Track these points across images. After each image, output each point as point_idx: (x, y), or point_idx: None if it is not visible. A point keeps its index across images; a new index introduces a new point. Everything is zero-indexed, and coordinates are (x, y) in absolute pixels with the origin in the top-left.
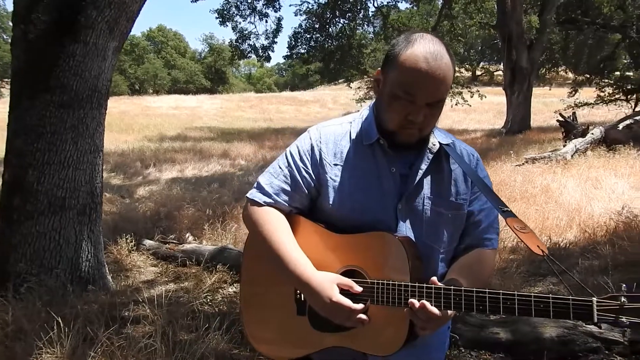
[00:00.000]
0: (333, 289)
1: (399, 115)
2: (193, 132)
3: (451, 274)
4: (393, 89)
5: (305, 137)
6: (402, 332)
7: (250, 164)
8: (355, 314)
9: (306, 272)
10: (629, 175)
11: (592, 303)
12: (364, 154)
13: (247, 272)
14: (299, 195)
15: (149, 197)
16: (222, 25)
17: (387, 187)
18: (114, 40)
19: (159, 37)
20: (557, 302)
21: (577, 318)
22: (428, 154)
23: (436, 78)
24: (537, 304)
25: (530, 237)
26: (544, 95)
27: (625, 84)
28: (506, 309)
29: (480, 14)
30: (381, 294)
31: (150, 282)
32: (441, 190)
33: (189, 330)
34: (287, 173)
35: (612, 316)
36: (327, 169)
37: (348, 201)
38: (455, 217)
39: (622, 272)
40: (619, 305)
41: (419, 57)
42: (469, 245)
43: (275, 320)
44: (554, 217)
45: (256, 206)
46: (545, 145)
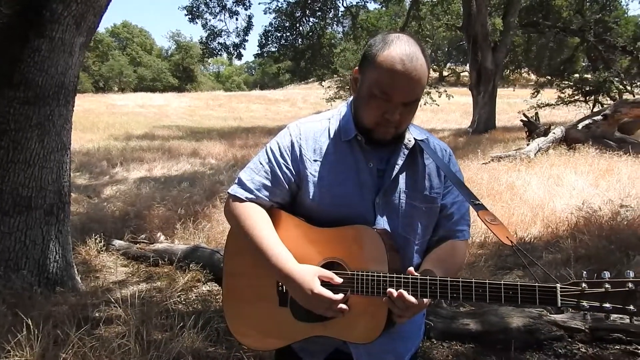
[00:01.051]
0: (314, 281)
1: (376, 113)
2: (161, 131)
3: (425, 265)
4: (370, 89)
5: (285, 133)
6: (381, 321)
7: (221, 162)
8: (335, 304)
9: (288, 266)
10: (587, 173)
11: (556, 289)
12: (343, 150)
13: (229, 266)
14: (279, 191)
15: (117, 196)
16: (191, 22)
17: (365, 181)
18: (81, 36)
19: (124, 33)
20: (524, 288)
21: (543, 303)
22: (404, 150)
23: (412, 79)
24: (506, 291)
25: (500, 228)
26: (508, 96)
27: (583, 85)
28: (478, 296)
29: (446, 16)
30: (361, 284)
31: (121, 282)
32: (416, 185)
33: (164, 330)
34: (268, 169)
35: (574, 301)
36: (307, 165)
37: (327, 195)
38: (429, 210)
39: (583, 264)
40: (580, 290)
41: (396, 59)
42: (442, 237)
43: (258, 311)
44: (519, 213)
45: (238, 202)
46: (509, 144)
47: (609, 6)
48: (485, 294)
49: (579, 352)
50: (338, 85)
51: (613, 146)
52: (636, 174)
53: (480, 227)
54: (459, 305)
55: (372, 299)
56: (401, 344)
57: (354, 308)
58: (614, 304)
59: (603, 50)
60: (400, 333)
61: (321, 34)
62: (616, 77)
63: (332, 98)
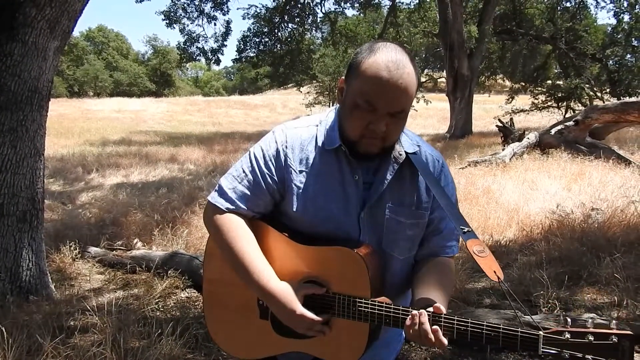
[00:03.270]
0: (296, 302)
1: (360, 124)
2: (138, 136)
3: (424, 292)
4: (354, 98)
5: (271, 139)
6: (362, 343)
7: (200, 168)
8: (317, 325)
9: (270, 283)
10: (560, 177)
11: (538, 337)
12: (329, 160)
13: (209, 272)
14: (262, 201)
15: (92, 203)
16: (169, 27)
17: (351, 194)
18: (55, 40)
19: (99, 37)
20: (506, 334)
21: (524, 349)
22: (394, 164)
23: (398, 87)
24: (488, 334)
25: (487, 261)
26: (484, 102)
27: (556, 92)
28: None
29: (423, 23)
30: (343, 308)
31: (97, 290)
32: (403, 199)
33: (141, 337)
34: (251, 178)
35: (557, 350)
36: (293, 176)
37: (311, 208)
38: (416, 225)
39: (556, 266)
40: (563, 341)
41: (380, 66)
42: (431, 253)
43: (238, 321)
44: (495, 216)
45: (218, 213)
46: (486, 149)
47: (579, 15)
48: (467, 332)
49: None
50: (317, 91)
51: (584, 151)
52: (606, 177)
53: None
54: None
55: (354, 322)
56: (384, 351)
57: (336, 329)
58: (595, 356)
59: (574, 57)
60: (382, 340)
61: (300, 40)
62: (587, 84)
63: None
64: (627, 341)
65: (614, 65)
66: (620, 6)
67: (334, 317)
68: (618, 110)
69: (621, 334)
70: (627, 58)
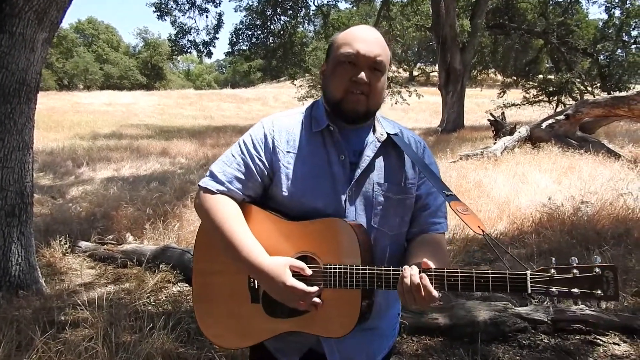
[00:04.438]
0: (286, 274)
1: (343, 78)
2: (129, 130)
3: (414, 261)
4: (335, 60)
5: (259, 126)
6: (354, 314)
7: (192, 162)
8: (309, 296)
9: (259, 259)
10: (551, 171)
11: (526, 275)
12: (315, 142)
13: (199, 264)
14: (252, 183)
15: (83, 197)
16: (160, 19)
17: (337, 173)
18: (44, 31)
19: (89, 29)
20: (496, 276)
21: (513, 290)
22: (376, 142)
23: (371, 35)
24: (478, 279)
25: (471, 218)
26: (476, 96)
27: (547, 86)
28: (450, 285)
29: (416, 17)
30: (334, 277)
31: (88, 284)
32: (390, 176)
33: (133, 331)
34: (241, 161)
35: (544, 287)
36: (280, 157)
37: (300, 188)
38: (404, 201)
39: (546, 258)
40: (549, 276)
41: (353, 28)
42: (420, 230)
43: (229, 309)
44: (486, 210)
45: (209, 194)
46: (477, 143)
47: (571, 10)
48: (457, 282)
49: (542, 342)
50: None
51: (575, 145)
52: (596, 171)
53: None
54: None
55: (345, 293)
56: (375, 343)
57: (327, 302)
58: (581, 289)
59: (565, 52)
60: (374, 331)
61: (292, 33)
62: (578, 79)
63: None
64: (611, 272)
65: (605, 60)
66: (611, 1)
67: (326, 288)
68: (608, 104)
69: (604, 265)
70: (618, 53)
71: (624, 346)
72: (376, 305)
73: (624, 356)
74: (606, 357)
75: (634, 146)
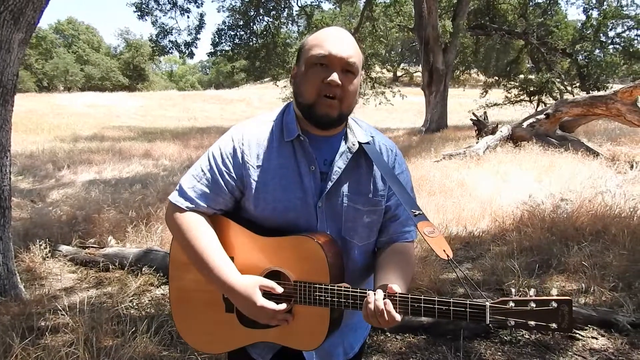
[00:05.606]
0: (256, 294)
1: (315, 80)
2: (111, 132)
3: (384, 278)
4: (306, 64)
5: (227, 138)
6: (324, 329)
7: (175, 163)
8: (279, 314)
9: (230, 279)
10: (532, 169)
11: (485, 307)
12: (286, 153)
13: (175, 270)
14: (222, 199)
15: (63, 200)
16: (140, 19)
17: (308, 185)
18: (20, 32)
19: (69, 30)
20: (456, 307)
21: (473, 320)
22: (347, 154)
23: (344, 38)
24: (439, 307)
25: (438, 240)
26: (458, 96)
27: (528, 86)
28: (414, 310)
29: (399, 17)
30: (303, 295)
31: (69, 289)
32: (359, 188)
33: (115, 336)
34: (210, 177)
35: (502, 318)
36: (251, 171)
37: (271, 201)
38: (373, 212)
39: (527, 255)
40: (508, 309)
41: (324, 29)
42: (390, 239)
43: (205, 316)
44: (469, 208)
45: (178, 212)
46: (460, 143)
47: (550, 11)
48: (420, 308)
49: (523, 338)
50: None
51: (555, 143)
52: (576, 169)
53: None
54: None
55: (315, 308)
56: (351, 336)
57: (298, 316)
58: (537, 321)
59: (545, 52)
60: (349, 325)
61: (275, 33)
62: (557, 78)
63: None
64: (566, 306)
65: (583, 60)
66: (589, 2)
67: (296, 305)
68: (587, 103)
69: (560, 299)
70: (596, 53)
71: (602, 340)
72: None
73: (602, 350)
74: (585, 351)
75: (612, 144)
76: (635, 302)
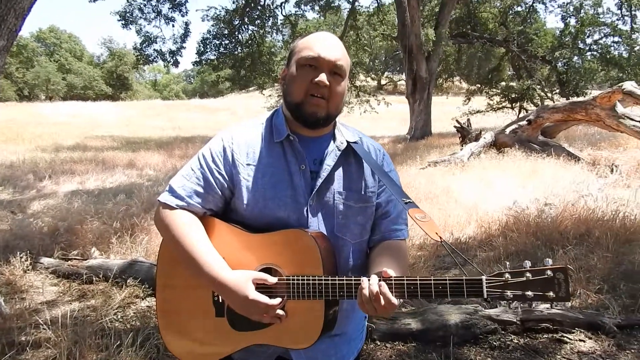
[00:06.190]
0: (248, 287)
1: (305, 80)
2: (94, 142)
3: (376, 270)
4: (296, 65)
5: (217, 139)
6: (318, 325)
7: (160, 173)
8: (272, 309)
9: (221, 274)
10: (516, 175)
11: (482, 281)
12: (275, 152)
13: (162, 279)
14: (212, 197)
15: (45, 211)
16: (124, 28)
17: (298, 183)
18: (1, 39)
19: (51, 38)
20: (453, 282)
21: (470, 295)
22: (336, 152)
23: (333, 42)
24: (436, 286)
25: (429, 225)
26: (442, 104)
27: (509, 93)
28: (410, 293)
29: (382, 26)
30: (297, 288)
31: (51, 302)
32: (350, 185)
33: (99, 349)
34: (200, 175)
35: (499, 291)
36: (240, 170)
37: (261, 199)
38: (365, 209)
39: (513, 260)
40: (504, 281)
41: (314, 33)
42: (382, 237)
43: (194, 324)
44: (455, 215)
45: (168, 209)
46: (445, 150)
47: (530, 19)
48: (416, 290)
49: (512, 343)
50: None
51: (537, 149)
52: (558, 174)
53: (419, 230)
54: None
55: (309, 304)
56: (343, 348)
57: (291, 313)
58: (534, 291)
59: (525, 59)
60: (342, 337)
61: (261, 42)
62: (538, 85)
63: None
64: (562, 273)
65: (563, 67)
66: (567, 10)
67: (289, 300)
68: (567, 109)
69: (555, 267)
70: (575, 60)
71: (589, 342)
72: (342, 311)
73: (589, 352)
74: (573, 353)
75: (592, 149)
76: (620, 304)
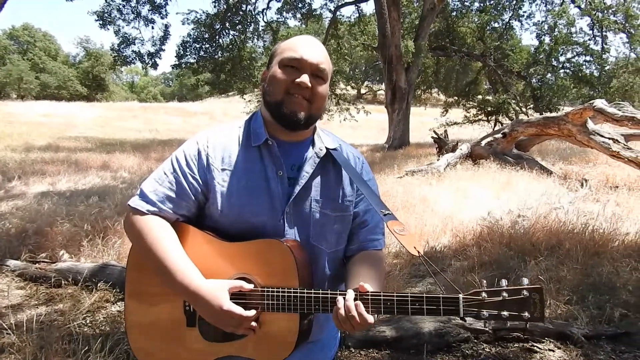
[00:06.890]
0: (223, 297)
1: (285, 80)
2: (67, 142)
3: (353, 284)
4: (278, 65)
5: (192, 142)
6: (292, 337)
7: (135, 176)
8: (246, 321)
9: (194, 283)
10: (490, 186)
11: (458, 299)
12: (252, 157)
13: (131, 286)
14: (185, 202)
15: (13, 213)
16: (102, 28)
17: (275, 190)
18: None
19: (24, 36)
20: (430, 299)
21: (447, 314)
22: (315, 158)
23: (316, 46)
24: (412, 303)
25: (408, 238)
26: (420, 114)
27: (486, 106)
28: (386, 308)
29: (363, 36)
30: (272, 300)
31: (16, 306)
32: (328, 193)
33: (65, 355)
34: (173, 179)
35: (475, 310)
36: (215, 174)
37: (236, 205)
38: (342, 218)
39: (486, 270)
40: (480, 300)
41: (297, 37)
42: (359, 247)
43: (164, 334)
44: (430, 224)
45: (139, 215)
46: (422, 160)
47: (506, 35)
48: (393, 306)
49: (484, 351)
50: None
51: (511, 161)
52: (531, 186)
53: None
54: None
55: (283, 316)
56: (318, 356)
57: (265, 325)
58: (510, 311)
59: (501, 74)
60: (316, 344)
61: (241, 47)
62: (513, 99)
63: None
64: (537, 294)
65: (537, 83)
66: (541, 29)
67: (264, 312)
68: (541, 124)
69: (531, 287)
70: (548, 77)
71: (559, 352)
72: (317, 319)
73: None
74: None
75: (564, 163)
76: (588, 315)
